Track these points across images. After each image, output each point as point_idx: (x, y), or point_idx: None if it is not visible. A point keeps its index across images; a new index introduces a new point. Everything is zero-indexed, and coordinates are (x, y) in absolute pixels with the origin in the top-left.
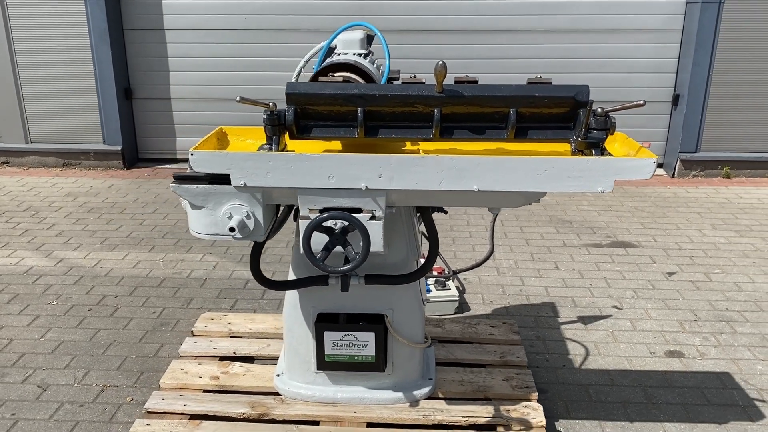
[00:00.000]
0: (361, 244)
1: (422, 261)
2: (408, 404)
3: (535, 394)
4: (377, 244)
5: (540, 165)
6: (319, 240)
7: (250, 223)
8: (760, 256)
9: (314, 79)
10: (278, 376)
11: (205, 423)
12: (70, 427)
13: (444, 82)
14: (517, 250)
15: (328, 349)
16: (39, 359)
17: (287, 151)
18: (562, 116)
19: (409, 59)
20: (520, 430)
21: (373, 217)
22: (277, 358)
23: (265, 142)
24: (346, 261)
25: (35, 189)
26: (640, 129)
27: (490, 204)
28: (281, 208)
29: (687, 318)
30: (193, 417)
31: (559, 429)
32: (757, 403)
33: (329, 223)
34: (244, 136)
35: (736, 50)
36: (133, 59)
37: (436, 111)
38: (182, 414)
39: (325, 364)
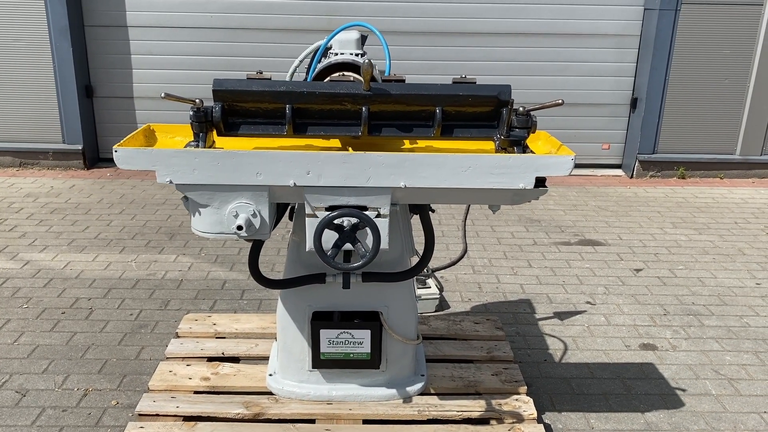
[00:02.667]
0: (371, 240)
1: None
2: (402, 400)
3: (525, 388)
4: (383, 241)
5: (464, 162)
6: (327, 237)
7: (256, 222)
8: (719, 252)
9: (317, 78)
10: (271, 375)
11: (201, 424)
12: None
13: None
14: (490, 248)
15: (324, 347)
16: (14, 364)
17: (215, 148)
18: (486, 115)
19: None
20: (513, 422)
21: (378, 215)
22: (266, 358)
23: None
24: (346, 258)
25: None
26: (600, 131)
27: (488, 202)
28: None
29: (657, 312)
30: (187, 418)
31: (546, 421)
32: (728, 392)
33: (339, 221)
34: (173, 134)
35: (691, 55)
36: (94, 56)
37: (364, 109)
38: (175, 416)
39: (320, 362)
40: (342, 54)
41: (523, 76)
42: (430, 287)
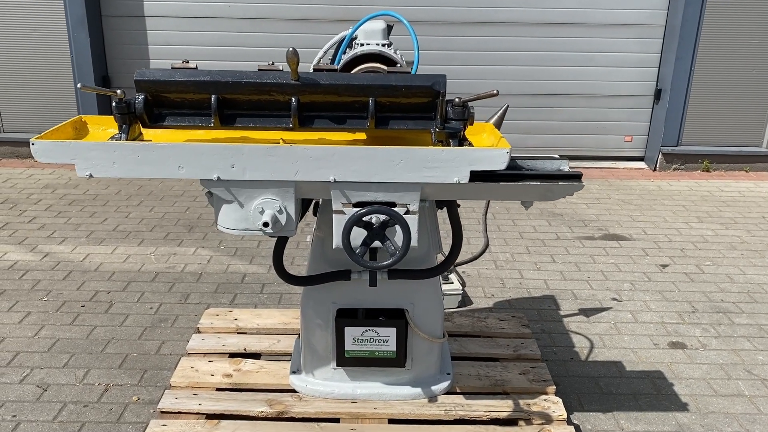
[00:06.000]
0: (401, 238)
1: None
2: (427, 399)
3: (553, 388)
4: (413, 238)
5: (396, 155)
6: (356, 235)
7: (282, 218)
8: (747, 248)
9: (343, 70)
10: (294, 373)
11: (224, 423)
12: (76, 429)
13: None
14: (512, 243)
15: (349, 345)
16: (35, 358)
17: (141, 140)
18: (422, 106)
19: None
20: (542, 423)
21: (407, 211)
22: (289, 354)
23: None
24: (372, 255)
25: (11, 180)
26: (623, 123)
27: (518, 198)
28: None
29: (685, 309)
30: (210, 416)
31: (575, 422)
32: (762, 393)
33: (368, 218)
34: (105, 126)
35: (718, 45)
36: (111, 47)
37: (293, 99)
38: (198, 413)
39: (344, 360)
40: (368, 45)
41: (544, 66)
42: (452, 283)
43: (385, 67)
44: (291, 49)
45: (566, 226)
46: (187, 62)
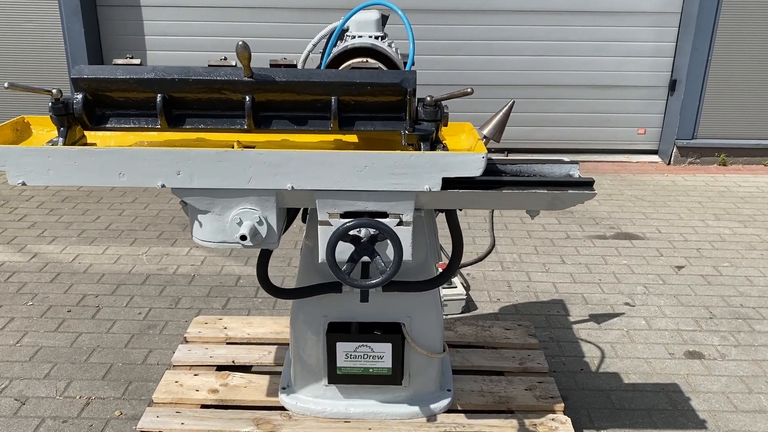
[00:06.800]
0: (392, 253)
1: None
2: (426, 419)
3: (561, 405)
4: (406, 252)
5: (360, 160)
6: (342, 249)
7: (263, 230)
8: (767, 247)
9: (330, 65)
10: (284, 389)
11: None
12: None
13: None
14: (520, 242)
15: (341, 361)
16: (15, 368)
17: (84, 144)
18: (390, 105)
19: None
20: None
21: (400, 222)
22: (279, 366)
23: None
24: (364, 265)
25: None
26: (636, 115)
27: (522, 207)
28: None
29: (702, 315)
30: None
31: None
32: None
33: (355, 232)
34: (51, 127)
35: (736, 34)
36: (107, 38)
37: (247, 98)
38: None
39: (336, 377)
40: (360, 37)
41: (553, 56)
42: (456, 287)
43: (376, 62)
44: (241, 42)
45: (576, 225)
46: (131, 57)
